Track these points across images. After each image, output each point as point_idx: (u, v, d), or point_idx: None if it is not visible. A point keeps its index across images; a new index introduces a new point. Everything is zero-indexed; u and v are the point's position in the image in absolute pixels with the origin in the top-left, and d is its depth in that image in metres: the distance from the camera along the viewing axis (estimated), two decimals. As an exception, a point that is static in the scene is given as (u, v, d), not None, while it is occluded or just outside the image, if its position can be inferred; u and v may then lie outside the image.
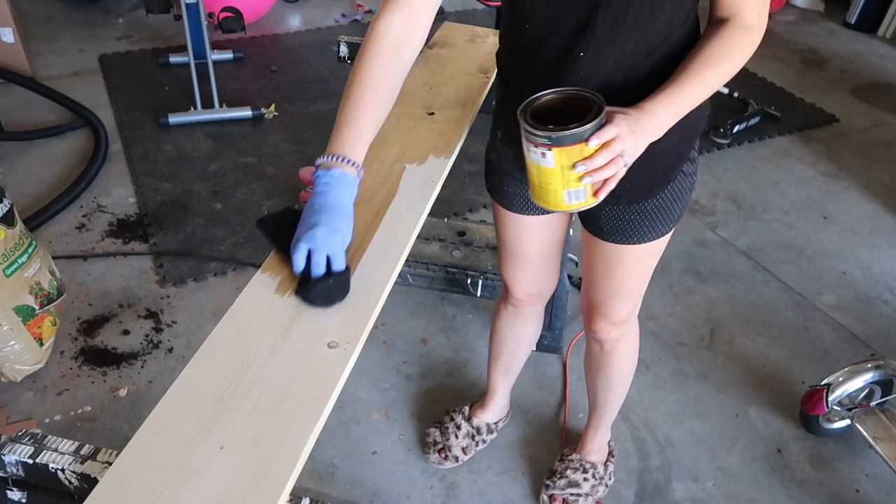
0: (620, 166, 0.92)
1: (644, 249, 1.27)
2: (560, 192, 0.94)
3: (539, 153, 0.91)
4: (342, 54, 1.82)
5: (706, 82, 1.00)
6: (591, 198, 0.95)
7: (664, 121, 0.98)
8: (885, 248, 2.71)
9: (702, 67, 0.99)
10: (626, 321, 1.45)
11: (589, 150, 0.90)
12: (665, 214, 1.22)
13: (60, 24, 4.15)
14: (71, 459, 0.88)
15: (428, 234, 2.27)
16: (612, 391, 1.63)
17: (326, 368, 0.87)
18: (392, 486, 1.76)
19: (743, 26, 1.00)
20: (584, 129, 0.89)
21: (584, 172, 0.90)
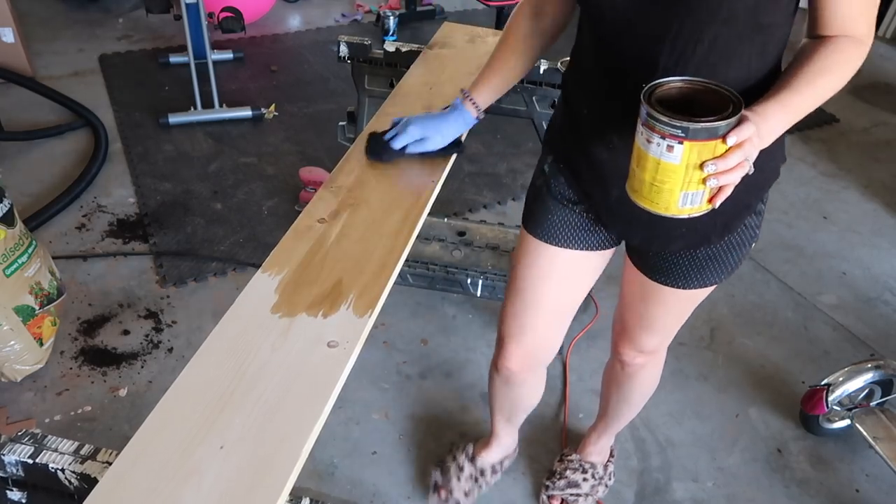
0: (744, 171, 0.84)
1: (686, 294, 1.21)
2: (676, 192, 0.84)
3: (664, 145, 0.81)
4: (342, 54, 1.82)
5: (819, 91, 0.91)
6: (705, 204, 0.86)
7: (776, 128, 0.89)
8: (885, 248, 2.71)
9: (815, 75, 0.91)
10: (655, 352, 1.40)
11: (723, 149, 0.81)
12: (718, 264, 1.15)
13: (60, 24, 4.15)
14: (71, 459, 0.88)
15: (428, 234, 2.27)
16: (627, 408, 1.60)
17: (326, 368, 0.87)
18: (392, 486, 1.76)
19: (855, 40, 0.92)
20: (725, 123, 0.80)
21: (714, 173, 0.81)
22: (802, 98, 0.90)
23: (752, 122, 0.82)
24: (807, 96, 0.90)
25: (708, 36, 0.90)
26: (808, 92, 0.90)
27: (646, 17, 0.92)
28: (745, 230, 1.12)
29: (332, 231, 1.10)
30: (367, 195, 1.18)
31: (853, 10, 0.91)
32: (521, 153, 3.13)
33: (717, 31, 0.90)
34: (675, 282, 1.19)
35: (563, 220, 1.21)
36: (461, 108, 1.24)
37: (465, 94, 1.24)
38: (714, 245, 1.12)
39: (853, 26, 0.92)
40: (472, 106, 1.24)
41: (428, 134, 1.23)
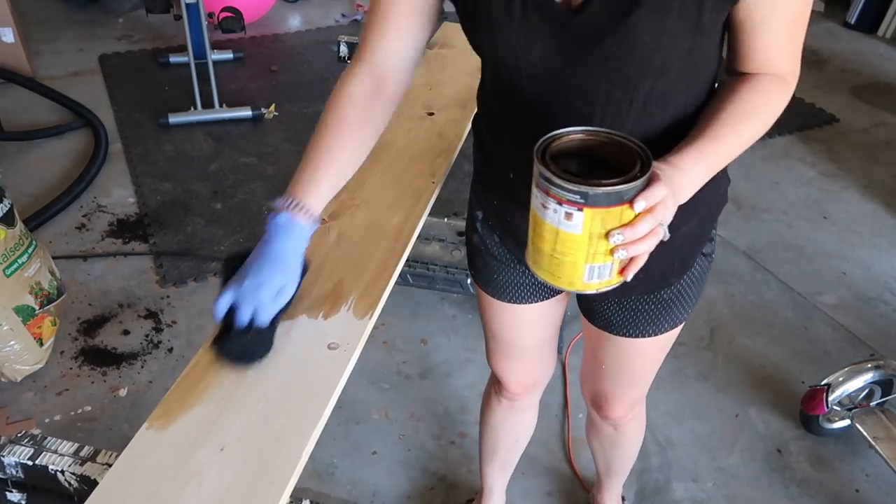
0: (660, 237, 0.73)
1: (663, 339, 1.12)
2: (580, 266, 0.72)
3: (562, 213, 0.69)
4: (342, 54, 1.82)
5: (741, 137, 0.83)
6: (616, 276, 0.75)
7: (695, 180, 0.80)
8: (885, 248, 2.71)
9: (736, 120, 0.82)
10: (644, 398, 1.34)
11: (630, 215, 0.70)
12: (683, 301, 1.07)
13: (60, 24, 4.15)
14: (70, 461, 0.88)
15: (428, 234, 2.27)
16: (628, 458, 1.53)
17: (326, 369, 0.87)
18: (392, 486, 1.76)
19: (778, 78, 0.85)
20: (631, 186, 0.68)
21: (622, 243, 0.70)
22: (723, 146, 0.82)
23: (662, 183, 0.71)
24: (728, 144, 0.82)
25: (643, 90, 0.82)
26: (730, 139, 0.82)
27: (571, 80, 0.83)
28: (702, 260, 1.05)
29: (333, 232, 1.10)
30: (367, 196, 1.18)
31: (776, 44, 0.83)
32: (521, 153, 3.13)
33: (651, 84, 0.82)
34: (646, 330, 1.09)
35: (510, 280, 1.13)
36: (295, 224, 0.86)
37: (291, 205, 0.86)
38: (675, 285, 1.04)
39: (776, 63, 0.84)
40: (307, 216, 0.87)
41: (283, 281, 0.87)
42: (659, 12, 0.75)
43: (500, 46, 0.84)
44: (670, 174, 0.75)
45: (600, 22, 0.77)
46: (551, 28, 0.80)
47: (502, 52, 0.84)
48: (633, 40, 0.77)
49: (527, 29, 0.81)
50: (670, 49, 0.78)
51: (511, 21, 0.81)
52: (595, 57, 0.80)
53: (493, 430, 1.48)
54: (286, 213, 0.86)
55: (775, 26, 0.82)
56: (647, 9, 0.75)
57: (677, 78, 0.83)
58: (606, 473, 1.60)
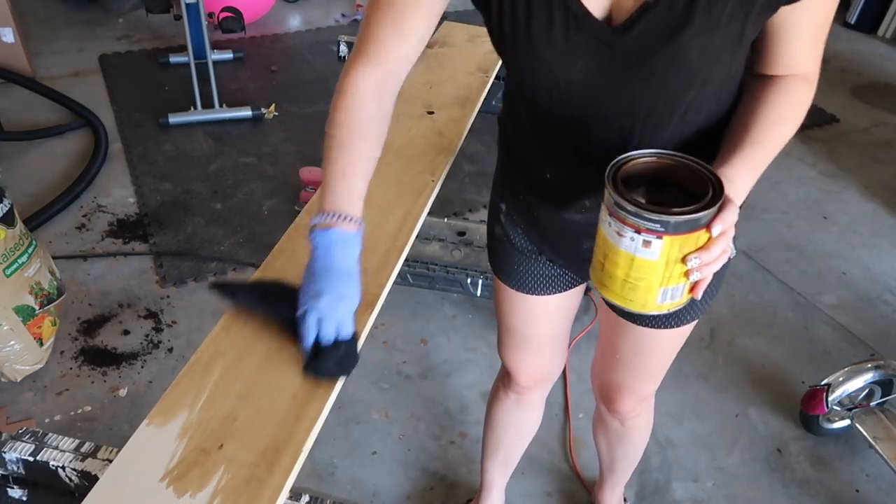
0: (730, 255, 0.76)
1: (680, 331, 1.14)
2: (654, 290, 0.74)
3: (640, 241, 0.70)
4: (342, 54, 1.82)
5: (778, 140, 0.86)
6: (686, 296, 0.77)
7: (745, 189, 0.82)
8: (885, 248, 2.71)
9: (773, 125, 0.85)
10: (650, 397, 1.34)
11: (705, 238, 0.72)
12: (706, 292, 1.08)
13: (60, 24, 4.15)
14: (71, 457, 0.88)
15: (428, 234, 2.27)
16: (633, 456, 1.53)
17: (326, 367, 0.87)
18: (392, 486, 1.76)
19: (803, 79, 0.87)
20: (710, 212, 0.70)
21: (698, 266, 0.73)
22: (764, 152, 0.84)
23: (734, 204, 0.75)
24: (767, 149, 0.84)
25: (684, 102, 0.84)
26: (769, 144, 0.84)
27: (613, 96, 0.84)
28: None
29: (333, 230, 1.10)
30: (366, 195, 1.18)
31: (804, 48, 0.85)
32: (521, 153, 3.13)
33: (693, 96, 0.84)
34: (668, 321, 1.10)
35: (530, 271, 1.14)
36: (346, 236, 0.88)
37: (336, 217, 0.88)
38: None
39: (802, 65, 0.86)
40: (352, 224, 0.89)
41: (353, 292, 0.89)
42: (707, 31, 0.76)
43: (539, 67, 0.84)
44: (729, 190, 0.76)
45: (648, 41, 0.78)
46: (595, 48, 0.80)
47: (541, 73, 0.84)
48: (681, 59, 0.78)
49: (569, 49, 0.81)
50: (714, 64, 0.80)
51: (552, 43, 0.81)
52: (640, 74, 0.81)
53: (498, 425, 1.48)
54: (336, 228, 0.87)
55: (804, 32, 0.83)
56: (696, 28, 0.75)
57: (716, 90, 0.86)
58: (610, 470, 1.60)
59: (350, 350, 0.87)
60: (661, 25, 0.76)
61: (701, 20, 0.75)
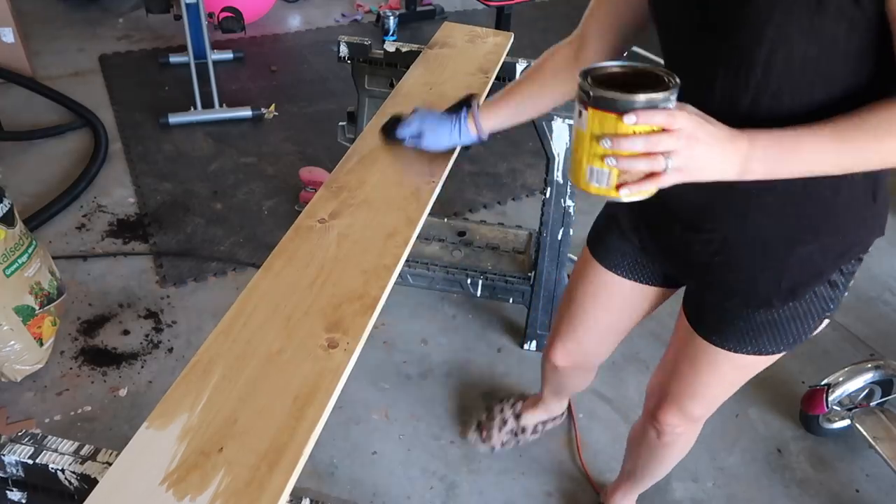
0: (659, 167, 0.75)
1: (741, 360, 1.09)
2: (584, 164, 0.81)
3: (577, 110, 0.80)
4: (342, 54, 1.82)
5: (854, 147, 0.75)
6: (612, 189, 0.80)
7: (761, 162, 0.77)
8: (885, 248, 2.71)
9: (849, 129, 0.75)
10: (699, 420, 1.30)
11: (623, 127, 0.75)
12: (778, 332, 1.04)
13: (60, 24, 4.15)
14: (71, 460, 0.88)
15: (428, 234, 2.27)
16: (657, 472, 1.50)
17: (327, 368, 0.87)
18: (392, 486, 1.76)
19: None
20: (627, 99, 0.74)
21: (608, 150, 0.76)
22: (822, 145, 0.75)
23: (680, 115, 0.74)
24: (830, 146, 0.75)
25: (760, 60, 0.80)
26: (836, 142, 0.75)
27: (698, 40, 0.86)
28: (814, 300, 0.99)
29: (332, 232, 1.10)
30: (367, 195, 1.18)
31: None
32: (521, 153, 3.13)
33: (769, 54, 0.79)
34: (729, 342, 1.08)
35: (619, 247, 1.21)
36: (462, 121, 1.16)
37: (471, 110, 1.15)
38: (776, 310, 1.01)
39: None
40: (473, 125, 1.15)
41: (425, 129, 1.18)
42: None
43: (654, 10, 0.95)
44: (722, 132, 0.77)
45: None
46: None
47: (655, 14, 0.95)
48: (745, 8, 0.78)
49: None
50: (786, 24, 0.75)
51: None
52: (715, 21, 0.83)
53: (544, 375, 1.62)
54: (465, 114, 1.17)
55: None
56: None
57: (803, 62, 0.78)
58: (630, 478, 1.57)
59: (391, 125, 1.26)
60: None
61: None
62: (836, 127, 0.76)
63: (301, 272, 1.01)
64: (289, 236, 1.08)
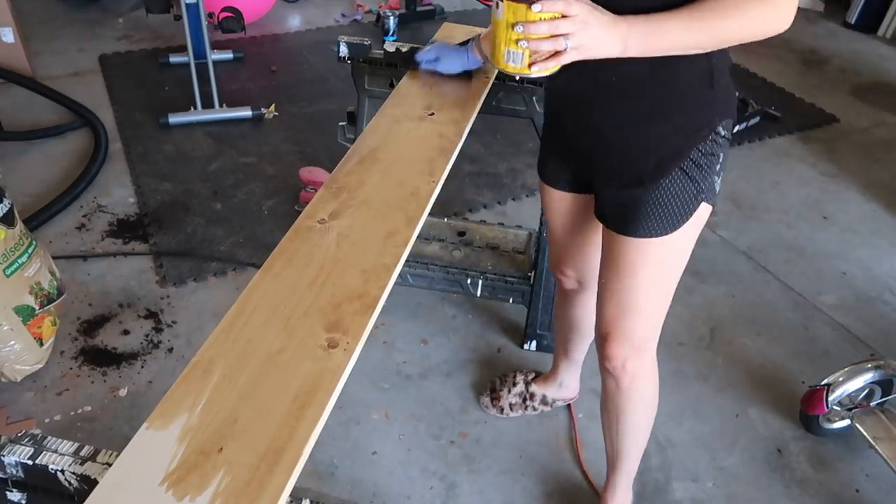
0: (561, 46, 0.96)
1: (644, 247, 1.21)
2: (501, 48, 1.00)
3: (495, 2, 0.98)
4: (342, 54, 1.82)
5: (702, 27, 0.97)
6: (525, 67, 1.00)
7: (638, 40, 0.98)
8: (885, 248, 2.71)
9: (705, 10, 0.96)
10: (642, 347, 1.34)
11: (532, 15, 0.94)
12: (658, 211, 1.17)
13: (60, 24, 4.15)
14: (71, 461, 0.89)
15: (428, 234, 2.27)
16: (630, 437, 1.53)
17: (327, 368, 0.87)
18: (392, 486, 1.76)
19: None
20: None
21: (520, 35, 0.96)
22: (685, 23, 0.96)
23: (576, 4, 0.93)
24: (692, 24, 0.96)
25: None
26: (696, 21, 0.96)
27: None
28: (684, 180, 1.15)
29: (332, 232, 1.10)
30: (367, 195, 1.18)
31: None
32: (521, 153, 3.13)
33: None
34: (626, 227, 1.21)
35: (554, 166, 1.39)
36: (468, 49, 1.45)
37: (475, 40, 1.44)
38: (651, 188, 1.16)
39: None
40: (478, 51, 1.43)
41: (441, 55, 1.48)
42: None
43: None
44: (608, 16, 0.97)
45: None
46: None
47: None
48: None
49: None
50: None
51: None
52: None
53: (556, 318, 1.79)
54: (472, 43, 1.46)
55: None
56: None
57: None
58: (615, 459, 1.57)
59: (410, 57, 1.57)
60: None
61: None
62: (693, 10, 0.97)
63: (301, 272, 1.01)
64: (289, 237, 1.08)
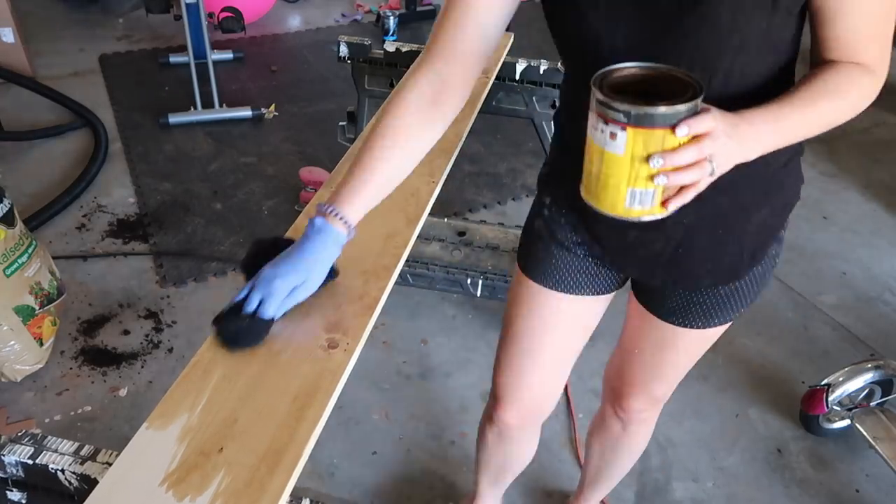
0: (705, 174, 0.73)
1: (710, 333, 1.10)
2: (622, 189, 0.73)
3: (608, 132, 0.71)
4: (342, 54, 1.82)
5: (820, 111, 0.82)
6: (657, 207, 0.75)
7: (764, 139, 0.79)
8: (885, 248, 2.71)
9: (816, 94, 0.82)
10: (661, 401, 1.29)
11: (673, 141, 0.70)
12: (740, 297, 1.04)
13: (60, 24, 4.15)
14: (71, 460, 0.89)
15: (428, 234, 2.27)
16: (622, 467, 1.49)
17: (327, 368, 0.87)
18: (392, 486, 1.76)
19: (864, 68, 0.84)
20: (675, 110, 0.69)
21: (660, 169, 0.71)
22: (798, 113, 0.80)
23: (712, 115, 0.72)
24: (804, 113, 0.81)
25: (722, 68, 0.82)
26: (807, 109, 0.81)
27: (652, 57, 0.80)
28: (769, 259, 1.03)
29: (332, 231, 1.10)
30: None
31: (857, 32, 0.82)
32: (521, 153, 3.13)
33: (730, 62, 0.82)
34: (697, 321, 1.06)
35: (568, 265, 1.09)
36: (328, 229, 0.90)
37: (328, 211, 0.90)
38: (742, 279, 1.02)
39: (859, 52, 0.83)
40: (342, 224, 0.90)
41: (300, 280, 0.89)
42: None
43: (587, 34, 0.86)
44: (734, 121, 0.75)
45: (681, 1, 0.79)
46: (636, 11, 0.82)
47: (590, 39, 0.86)
48: (712, 20, 0.78)
49: (613, 14, 0.83)
50: (748, 28, 0.79)
51: (598, 9, 0.83)
52: (675, 36, 0.81)
53: (485, 452, 1.41)
54: (323, 219, 0.90)
55: (855, 13, 0.80)
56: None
57: (756, 56, 0.83)
58: (593, 481, 1.56)
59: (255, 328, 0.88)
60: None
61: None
62: (810, 95, 0.82)
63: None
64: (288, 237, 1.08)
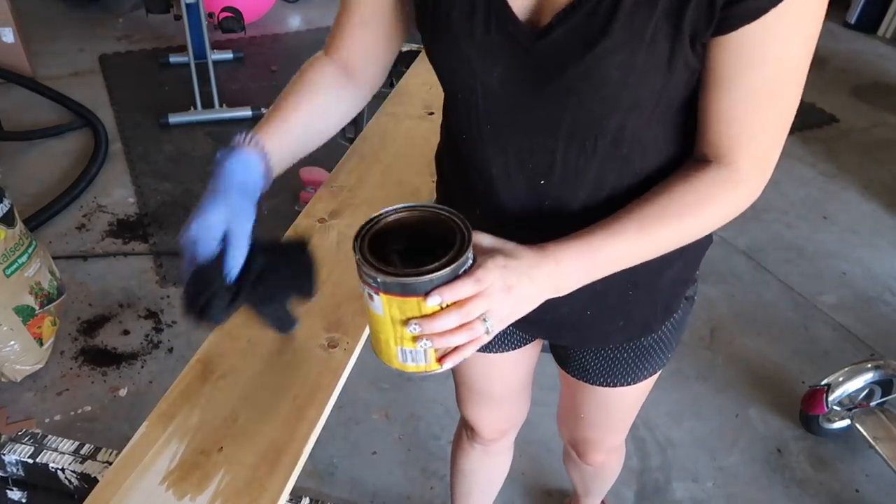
0: (479, 332, 0.66)
1: (642, 386, 1.07)
2: (392, 347, 0.68)
3: (367, 293, 0.65)
4: (342, 54, 1.82)
5: (654, 240, 0.73)
6: (434, 363, 0.68)
7: (577, 276, 0.71)
8: (885, 248, 2.71)
9: (655, 220, 0.72)
10: (622, 444, 1.31)
11: (428, 309, 0.63)
12: (663, 347, 1.00)
13: (60, 24, 4.15)
14: (71, 459, 0.89)
15: (428, 234, 2.27)
16: (606, 485, 1.52)
17: (327, 368, 0.87)
18: (392, 486, 1.76)
19: (729, 175, 0.72)
20: (423, 280, 0.62)
21: (419, 335, 0.65)
22: (626, 246, 0.72)
23: (488, 271, 0.64)
24: (635, 244, 0.72)
25: (610, 129, 0.72)
26: (639, 240, 0.72)
27: (532, 111, 0.73)
28: (685, 304, 0.97)
29: (332, 232, 1.10)
30: (367, 195, 1.19)
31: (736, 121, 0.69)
32: (521, 153, 3.13)
33: (620, 123, 0.71)
34: (624, 378, 1.02)
35: None
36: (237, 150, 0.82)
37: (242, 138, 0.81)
38: (657, 332, 0.96)
39: (732, 151, 0.71)
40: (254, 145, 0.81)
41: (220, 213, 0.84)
42: (628, 45, 0.64)
43: (459, 65, 0.75)
44: (531, 264, 0.67)
45: (565, 50, 0.67)
46: (513, 51, 0.71)
47: (462, 72, 0.75)
48: (598, 75, 0.67)
49: (488, 48, 0.72)
50: (640, 88, 0.68)
51: (472, 38, 0.72)
52: (557, 88, 0.70)
53: (466, 476, 1.41)
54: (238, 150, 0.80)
55: (737, 93, 0.68)
56: (615, 40, 0.64)
57: (651, 121, 0.73)
58: (585, 494, 1.59)
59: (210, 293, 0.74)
60: (579, 33, 0.66)
61: (621, 32, 0.64)
62: (640, 221, 0.72)
63: (301, 272, 1.01)
64: (289, 236, 1.08)
